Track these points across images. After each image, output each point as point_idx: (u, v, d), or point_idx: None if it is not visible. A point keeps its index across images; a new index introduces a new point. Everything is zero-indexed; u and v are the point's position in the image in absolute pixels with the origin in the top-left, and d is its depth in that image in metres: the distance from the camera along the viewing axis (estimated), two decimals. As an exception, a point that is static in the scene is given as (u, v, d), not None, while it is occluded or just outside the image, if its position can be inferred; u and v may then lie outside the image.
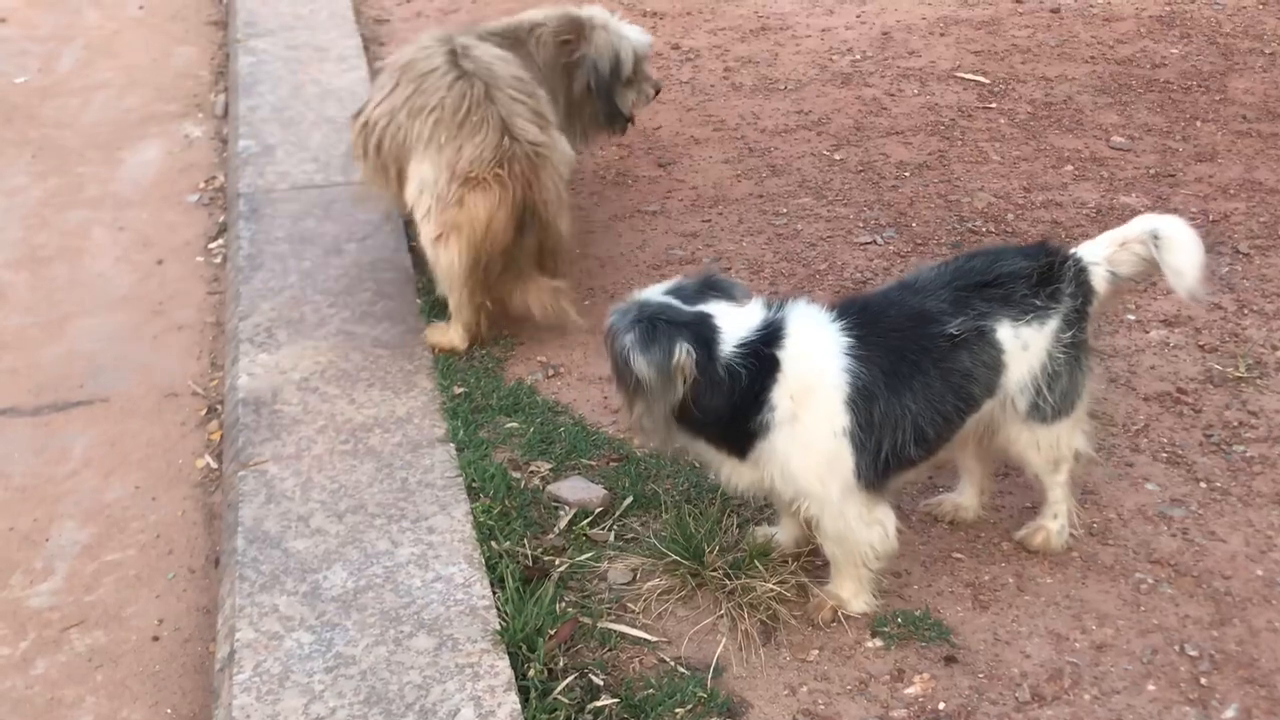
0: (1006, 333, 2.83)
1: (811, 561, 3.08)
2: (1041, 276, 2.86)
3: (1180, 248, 2.85)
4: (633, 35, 4.40)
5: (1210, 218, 4.62)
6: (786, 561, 3.05)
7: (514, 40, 4.17)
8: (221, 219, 4.88)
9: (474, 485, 3.33)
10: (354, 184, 4.77)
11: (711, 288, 2.82)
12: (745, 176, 5.01)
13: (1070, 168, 5.00)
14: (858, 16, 6.55)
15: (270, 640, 2.84)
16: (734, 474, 2.85)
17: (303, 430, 3.56)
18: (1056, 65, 5.90)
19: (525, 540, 3.14)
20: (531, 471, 3.43)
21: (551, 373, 3.86)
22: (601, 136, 4.62)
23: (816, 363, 2.75)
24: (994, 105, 5.53)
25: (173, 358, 4.13)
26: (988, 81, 5.76)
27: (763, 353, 2.71)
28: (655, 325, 2.67)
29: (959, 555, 3.13)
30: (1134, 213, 4.60)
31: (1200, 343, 3.93)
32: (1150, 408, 3.65)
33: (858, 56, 6.08)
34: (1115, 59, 5.97)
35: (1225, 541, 3.15)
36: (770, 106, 5.60)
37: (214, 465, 3.67)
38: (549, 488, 3.35)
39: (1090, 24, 6.37)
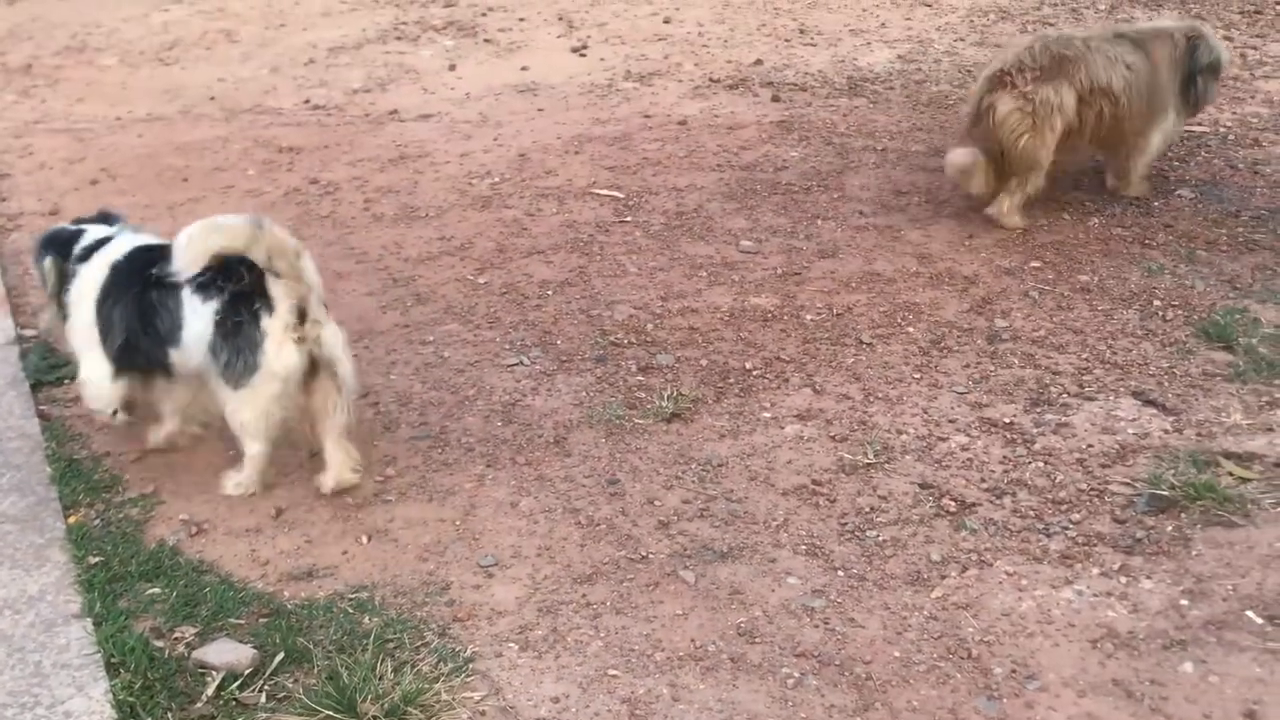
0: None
1: (470, 698, 3.06)
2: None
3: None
4: (1224, 48, 5.97)
5: (835, 311, 4.87)
6: (444, 703, 3.02)
7: (1137, 40, 5.68)
8: None
9: (114, 660, 3.17)
10: (-26, 351, 4.55)
11: (106, 217, 4.20)
12: (390, 307, 5.01)
13: (704, 274, 5.19)
14: (495, 139, 6.68)
15: None
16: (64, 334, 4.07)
17: (-76, 622, 3.33)
18: (686, 175, 6.15)
19: (170, 713, 3.01)
20: (176, 638, 3.29)
21: (195, 530, 3.74)
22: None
23: (92, 272, 3.92)
24: (629, 218, 5.71)
25: None
26: (622, 195, 5.95)
27: (87, 255, 3.97)
28: (44, 243, 4.11)
29: (615, 673, 3.16)
30: (764, 312, 4.83)
31: (832, 434, 4.12)
32: (789, 501, 3.79)
33: (497, 179, 6.20)
34: (740, 165, 6.27)
35: (864, 627, 3.29)
36: (413, 235, 5.63)
37: None
38: (195, 653, 3.22)
39: (716, 133, 6.67)
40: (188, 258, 3.62)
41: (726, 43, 8.27)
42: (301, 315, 3.65)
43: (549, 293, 5.10)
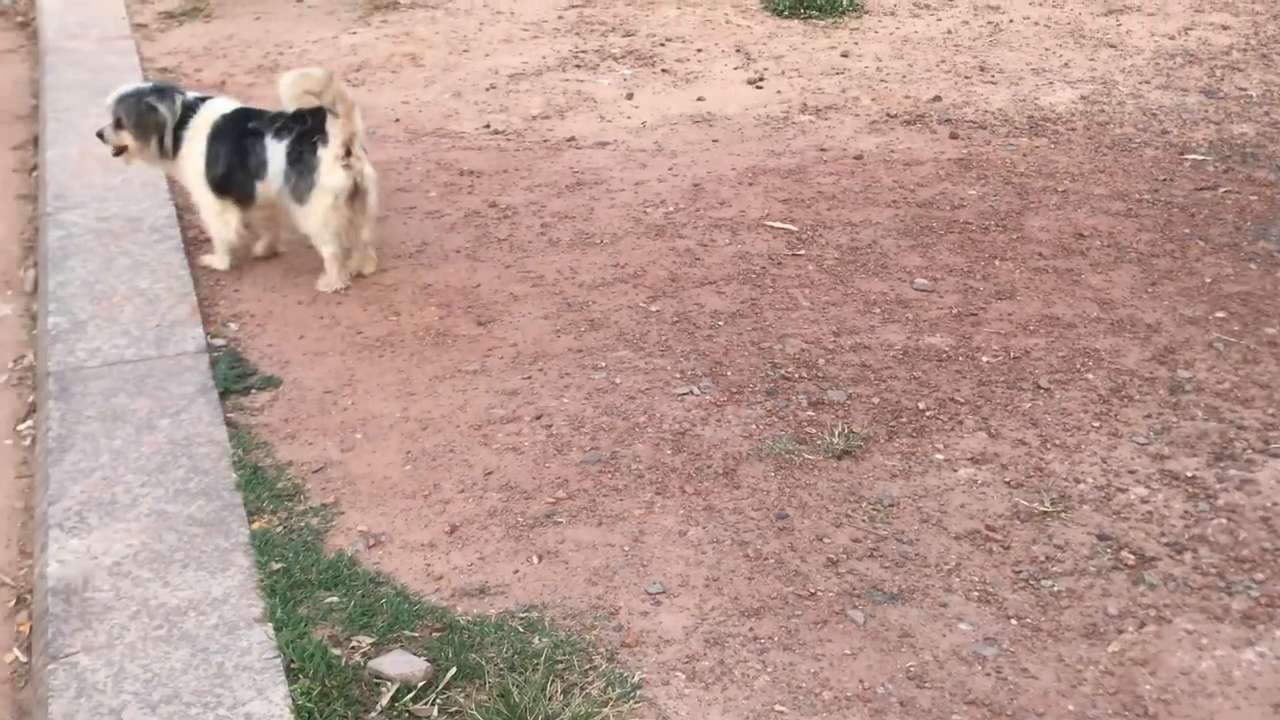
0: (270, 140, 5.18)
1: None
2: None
3: None
4: None
5: (1012, 354, 4.80)
6: (611, 726, 3.05)
7: None
8: (31, 399, 4.77)
9: (293, 666, 3.27)
10: (166, 357, 4.72)
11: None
12: (564, 332, 5.07)
13: (877, 311, 5.17)
14: (669, 169, 6.73)
15: (78, 847, 2.74)
16: (171, 170, 5.55)
17: (115, 618, 3.46)
18: (861, 210, 6.12)
19: (346, 721, 3.10)
20: (353, 647, 3.38)
21: (372, 542, 3.83)
22: None
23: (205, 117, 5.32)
24: (803, 252, 5.70)
25: (-22, 547, 4.00)
26: (796, 229, 5.95)
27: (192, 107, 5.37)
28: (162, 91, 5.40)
29: (781, 709, 3.16)
30: (939, 352, 4.79)
31: (1007, 479, 4.06)
32: (961, 546, 3.75)
33: (671, 209, 6.24)
34: (916, 202, 6.22)
35: (1037, 678, 3.24)
36: (587, 261, 5.70)
37: (23, 659, 3.54)
38: (370, 663, 3.30)
39: (892, 169, 6.63)
40: (288, 95, 4.97)
41: (905, 78, 8.22)
42: (348, 151, 4.99)
43: (720, 323, 5.11)
